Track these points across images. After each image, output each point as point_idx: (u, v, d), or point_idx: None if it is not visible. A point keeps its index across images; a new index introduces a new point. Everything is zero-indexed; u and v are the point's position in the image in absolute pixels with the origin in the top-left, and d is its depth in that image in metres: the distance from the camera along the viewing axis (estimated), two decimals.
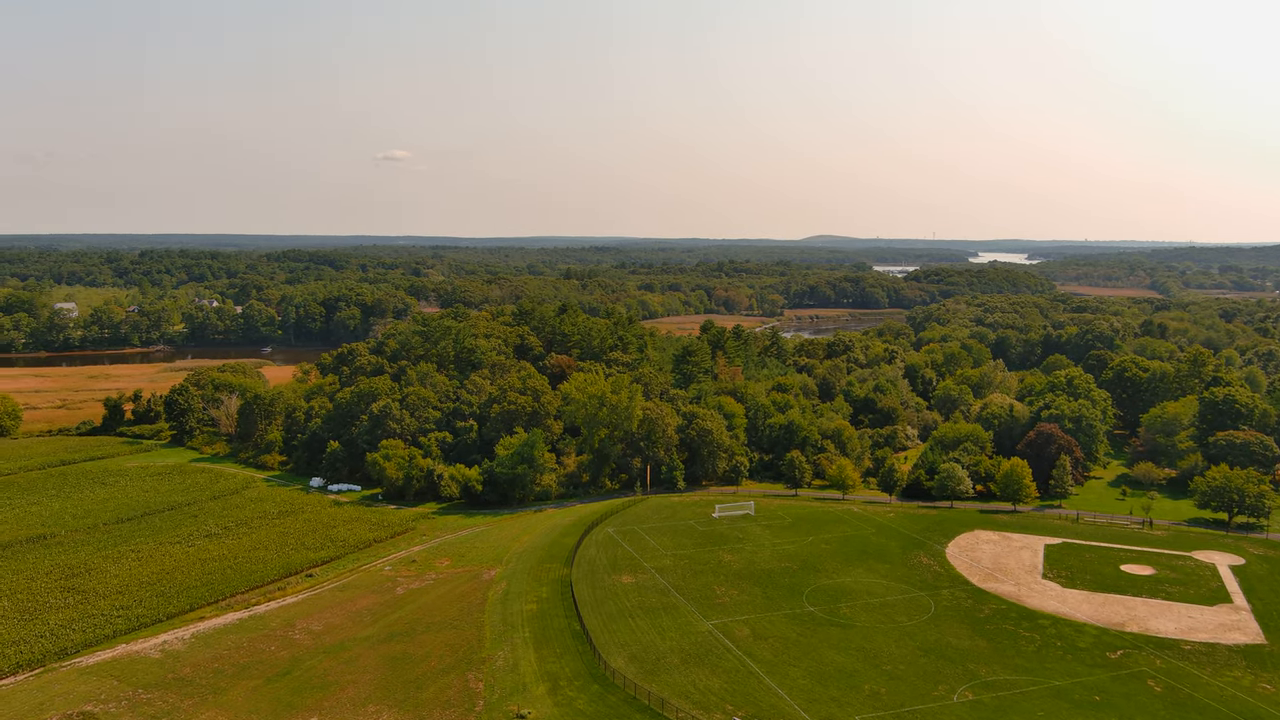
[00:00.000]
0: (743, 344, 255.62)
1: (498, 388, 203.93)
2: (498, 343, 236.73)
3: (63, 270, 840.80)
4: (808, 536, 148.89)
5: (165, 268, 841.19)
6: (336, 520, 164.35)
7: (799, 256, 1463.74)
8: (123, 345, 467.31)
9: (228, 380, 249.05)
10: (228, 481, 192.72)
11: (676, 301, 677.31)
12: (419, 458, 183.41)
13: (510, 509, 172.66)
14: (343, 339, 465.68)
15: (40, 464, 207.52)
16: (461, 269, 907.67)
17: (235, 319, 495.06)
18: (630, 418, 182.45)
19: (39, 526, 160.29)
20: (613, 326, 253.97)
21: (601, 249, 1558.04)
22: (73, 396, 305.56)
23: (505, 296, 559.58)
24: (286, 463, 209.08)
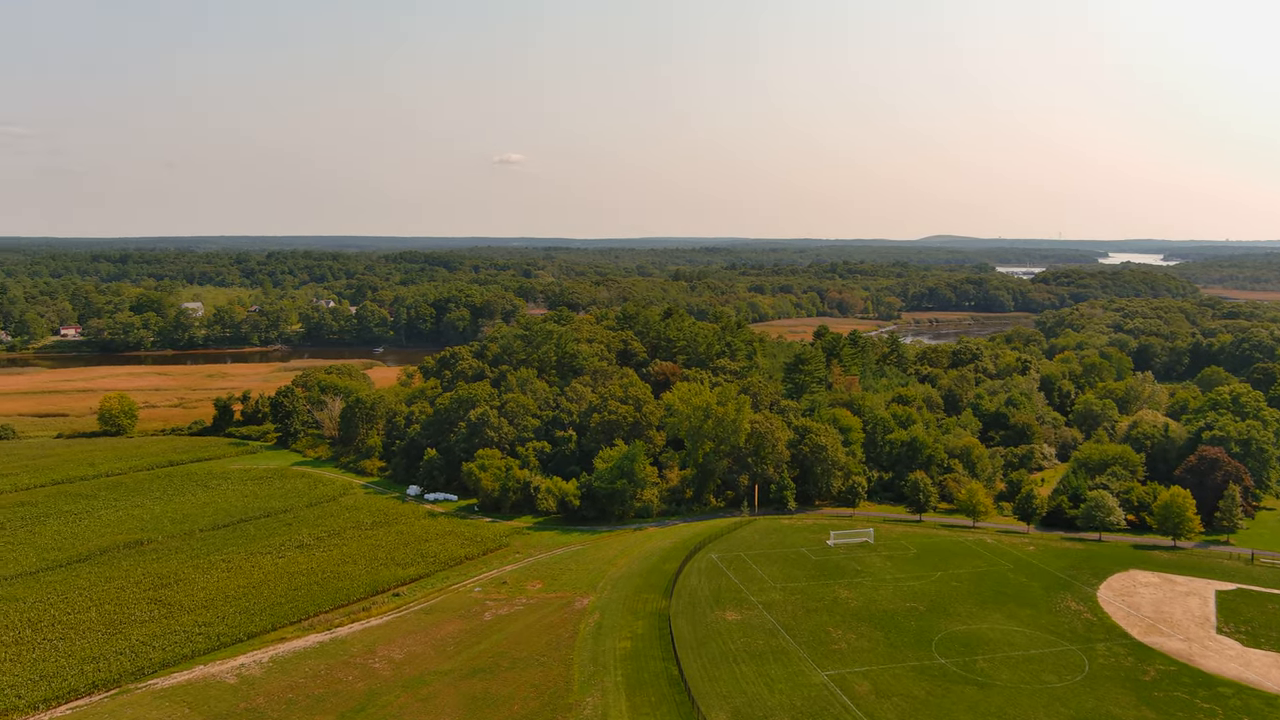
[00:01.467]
0: (860, 351, 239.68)
1: (599, 396, 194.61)
2: (600, 348, 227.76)
3: (195, 271, 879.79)
4: (935, 571, 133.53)
5: (289, 268, 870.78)
6: (429, 533, 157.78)
7: (916, 257, 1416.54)
8: (243, 344, 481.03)
9: (332, 382, 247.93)
10: (325, 488, 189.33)
11: (787, 304, 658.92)
12: (516, 469, 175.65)
13: (608, 526, 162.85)
14: (452, 340, 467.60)
15: (149, 464, 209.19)
16: (571, 270, 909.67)
17: (349, 319, 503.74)
18: (737, 431, 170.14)
19: (138, 531, 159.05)
20: (720, 332, 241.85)
21: (712, 249, 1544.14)
22: (190, 395, 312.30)
23: (613, 298, 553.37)
24: (385, 469, 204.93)
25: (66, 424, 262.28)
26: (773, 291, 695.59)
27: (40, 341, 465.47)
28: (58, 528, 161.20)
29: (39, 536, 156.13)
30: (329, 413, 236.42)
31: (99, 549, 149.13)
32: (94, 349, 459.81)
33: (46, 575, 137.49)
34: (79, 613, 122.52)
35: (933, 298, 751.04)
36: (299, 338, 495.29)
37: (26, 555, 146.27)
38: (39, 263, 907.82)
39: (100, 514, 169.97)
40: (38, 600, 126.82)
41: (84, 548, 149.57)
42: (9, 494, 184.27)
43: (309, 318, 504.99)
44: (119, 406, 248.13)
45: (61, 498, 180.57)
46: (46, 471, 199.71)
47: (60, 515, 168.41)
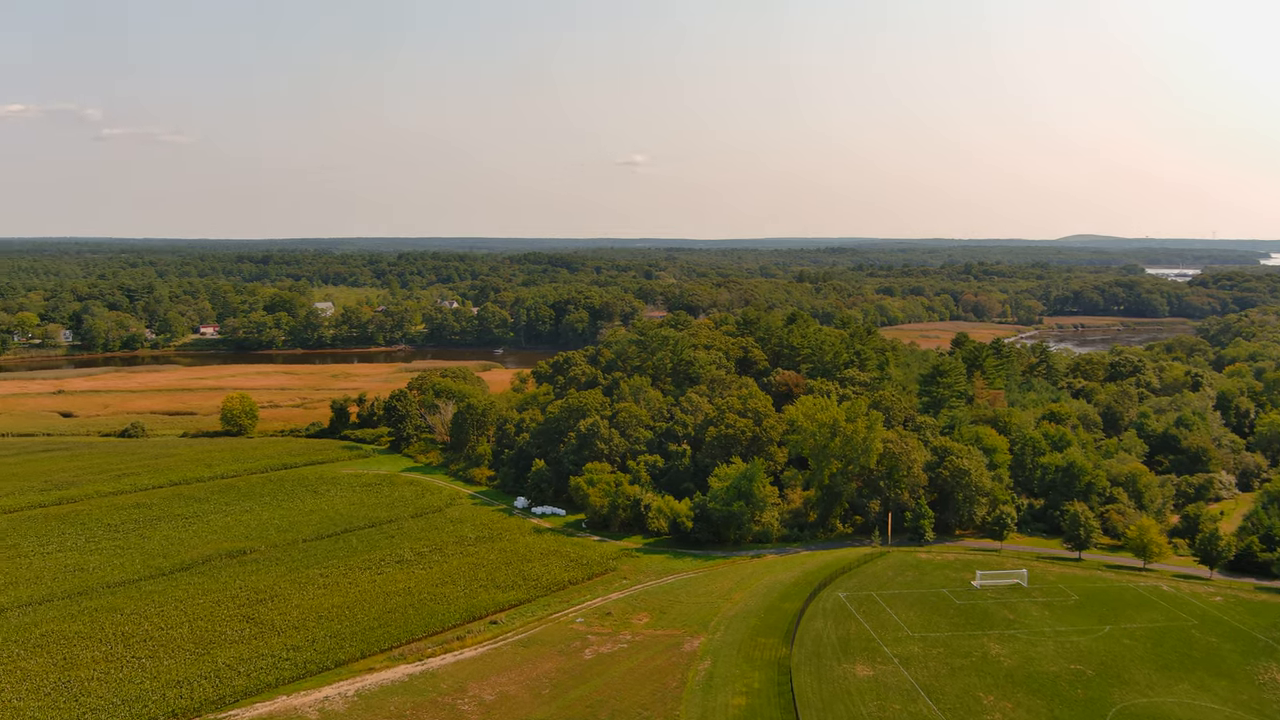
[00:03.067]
0: (1005, 361, 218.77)
1: (715, 407, 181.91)
2: (718, 355, 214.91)
3: (330, 271, 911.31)
4: (1103, 625, 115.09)
5: (418, 269, 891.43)
6: (533, 552, 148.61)
7: (1056, 258, 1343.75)
8: (369, 344, 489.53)
9: (446, 386, 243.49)
10: (432, 497, 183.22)
11: (919, 307, 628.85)
12: (625, 484, 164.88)
13: (723, 551, 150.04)
14: (571, 342, 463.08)
15: (264, 467, 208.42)
16: (692, 271, 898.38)
17: (471, 320, 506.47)
18: (868, 451, 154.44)
19: (242, 539, 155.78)
20: (848, 339, 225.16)
21: (837, 250, 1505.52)
22: (312, 395, 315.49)
23: (734, 300, 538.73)
24: (494, 478, 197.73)
25: (192, 423, 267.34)
26: (903, 294, 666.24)
27: (181, 339, 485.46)
28: (167, 532, 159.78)
29: (149, 541, 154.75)
30: (441, 417, 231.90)
31: (202, 557, 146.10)
32: (229, 347, 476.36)
33: (148, 584, 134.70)
34: (172, 628, 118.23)
35: (1077, 301, 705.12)
36: (422, 338, 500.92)
37: (133, 561, 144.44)
38: (189, 263, 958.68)
39: (210, 519, 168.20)
40: (135, 612, 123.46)
41: (188, 555, 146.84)
42: (129, 494, 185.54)
43: (432, 318, 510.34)
44: (240, 407, 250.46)
45: (176, 500, 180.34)
46: (166, 472, 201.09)
47: (172, 519, 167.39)
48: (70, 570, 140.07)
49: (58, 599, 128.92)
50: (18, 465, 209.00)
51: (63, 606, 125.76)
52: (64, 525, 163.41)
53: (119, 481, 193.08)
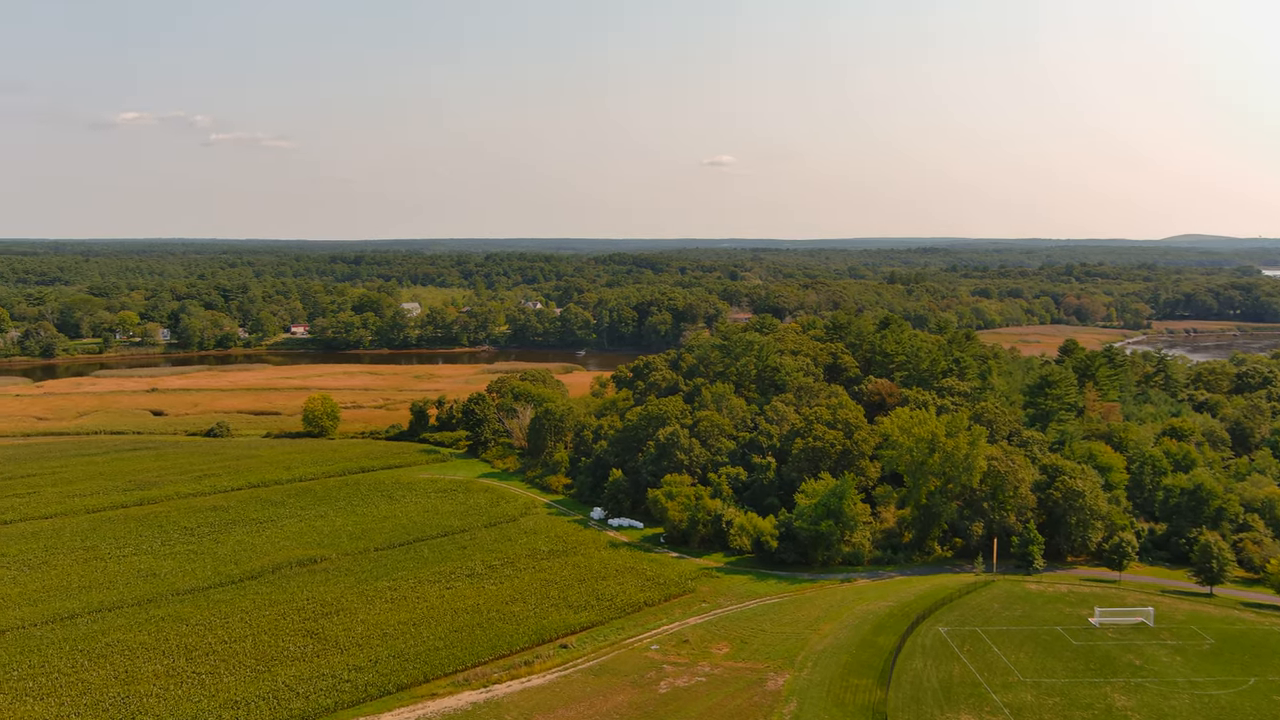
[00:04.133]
0: (1119, 370, 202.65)
1: (803, 418, 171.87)
2: (805, 361, 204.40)
3: (419, 272, 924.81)
4: (1246, 675, 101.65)
5: (504, 270, 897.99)
6: (608, 569, 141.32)
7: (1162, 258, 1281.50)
8: (453, 344, 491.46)
9: (525, 390, 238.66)
10: (507, 506, 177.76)
11: (1017, 310, 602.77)
12: (706, 498, 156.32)
13: (810, 573, 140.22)
14: (653, 344, 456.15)
15: (341, 470, 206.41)
16: (779, 272, 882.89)
17: (554, 321, 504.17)
18: (970, 469, 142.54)
19: (314, 546, 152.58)
20: (945, 345, 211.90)
21: (929, 250, 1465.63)
22: (395, 396, 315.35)
23: (821, 302, 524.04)
24: (571, 486, 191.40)
25: (276, 423, 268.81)
26: (1000, 296, 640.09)
27: (272, 338, 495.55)
28: (241, 537, 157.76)
29: (222, 546, 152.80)
30: (519, 422, 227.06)
31: (272, 565, 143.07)
32: (318, 347, 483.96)
33: (216, 593, 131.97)
34: (235, 641, 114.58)
35: (1189, 305, 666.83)
36: (505, 339, 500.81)
37: (204, 567, 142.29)
38: (284, 263, 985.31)
39: (284, 524, 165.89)
40: (200, 622, 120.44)
41: (258, 563, 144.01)
42: (207, 496, 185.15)
43: (515, 319, 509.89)
44: (321, 408, 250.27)
45: (253, 503, 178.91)
46: (245, 474, 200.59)
47: (246, 524, 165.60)
48: (143, 576, 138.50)
49: (127, 606, 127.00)
50: (106, 464, 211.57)
51: (131, 614, 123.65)
52: (142, 527, 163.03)
53: (199, 483, 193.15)
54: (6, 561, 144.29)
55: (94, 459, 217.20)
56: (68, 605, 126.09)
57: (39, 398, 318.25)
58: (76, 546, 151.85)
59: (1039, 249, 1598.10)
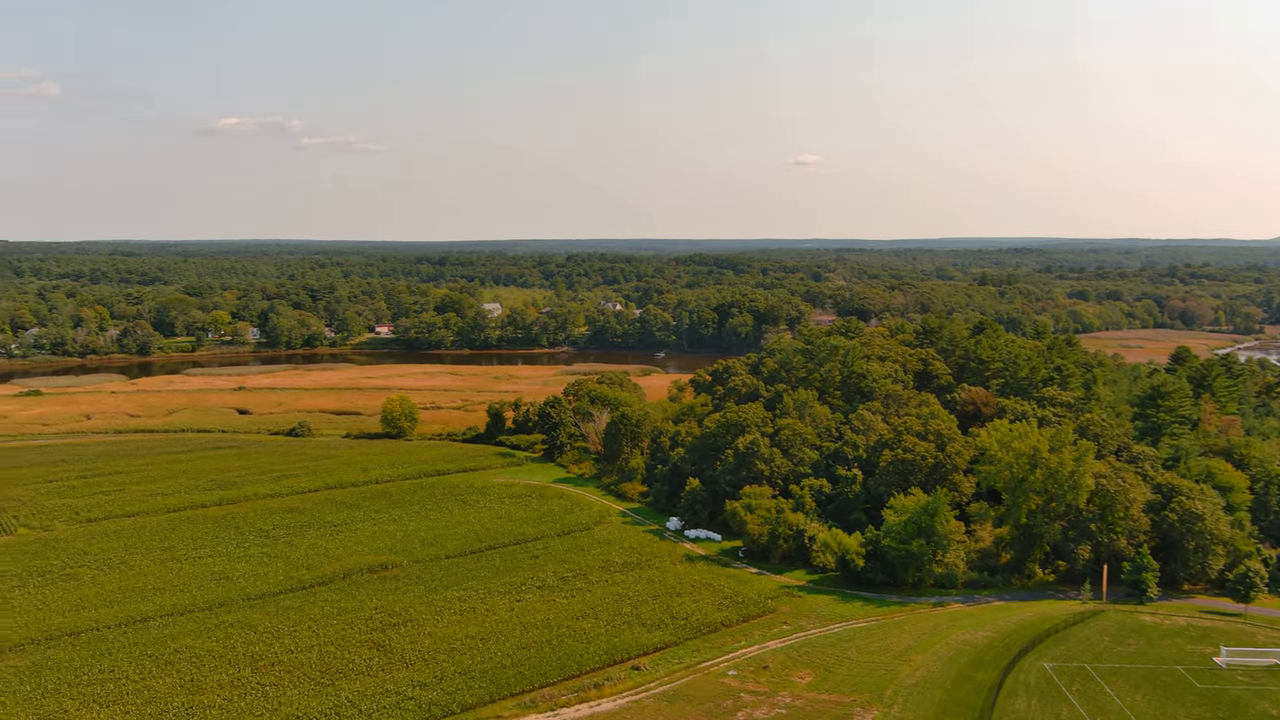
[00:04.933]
0: (1237, 381, 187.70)
1: (891, 428, 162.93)
2: (894, 368, 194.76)
3: (501, 273, 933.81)
4: None
5: (584, 271, 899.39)
6: (684, 584, 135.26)
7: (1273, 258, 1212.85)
8: (533, 345, 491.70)
9: (601, 393, 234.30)
10: (581, 514, 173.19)
11: (1117, 313, 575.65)
12: (788, 512, 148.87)
13: (899, 595, 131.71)
14: (733, 347, 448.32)
15: (417, 472, 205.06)
16: (863, 273, 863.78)
17: (633, 323, 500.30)
18: (1076, 487, 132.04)
19: (386, 552, 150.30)
20: (1044, 351, 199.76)
21: (1021, 250, 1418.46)
22: (473, 397, 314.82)
23: (909, 304, 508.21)
24: (646, 494, 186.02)
25: (356, 423, 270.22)
26: (1098, 298, 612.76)
27: (357, 338, 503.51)
28: (314, 541, 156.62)
29: (295, 550, 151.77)
30: (595, 426, 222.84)
31: (343, 571, 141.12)
32: (401, 347, 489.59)
33: (287, 599, 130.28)
34: (301, 651, 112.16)
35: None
36: (584, 340, 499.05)
37: (277, 571, 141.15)
38: (372, 264, 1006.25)
39: (357, 528, 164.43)
40: (268, 630, 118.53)
41: (330, 568, 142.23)
42: (285, 497, 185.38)
43: (595, 320, 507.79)
44: (400, 409, 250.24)
45: (328, 506, 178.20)
46: (323, 474, 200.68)
47: (321, 527, 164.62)
48: (216, 579, 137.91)
49: (199, 610, 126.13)
50: (190, 462, 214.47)
51: (201, 619, 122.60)
52: (219, 528, 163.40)
53: (278, 483, 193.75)
54: (88, 560, 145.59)
55: (179, 457, 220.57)
56: (141, 608, 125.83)
57: (133, 395, 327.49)
58: (155, 547, 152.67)
59: (1138, 249, 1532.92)
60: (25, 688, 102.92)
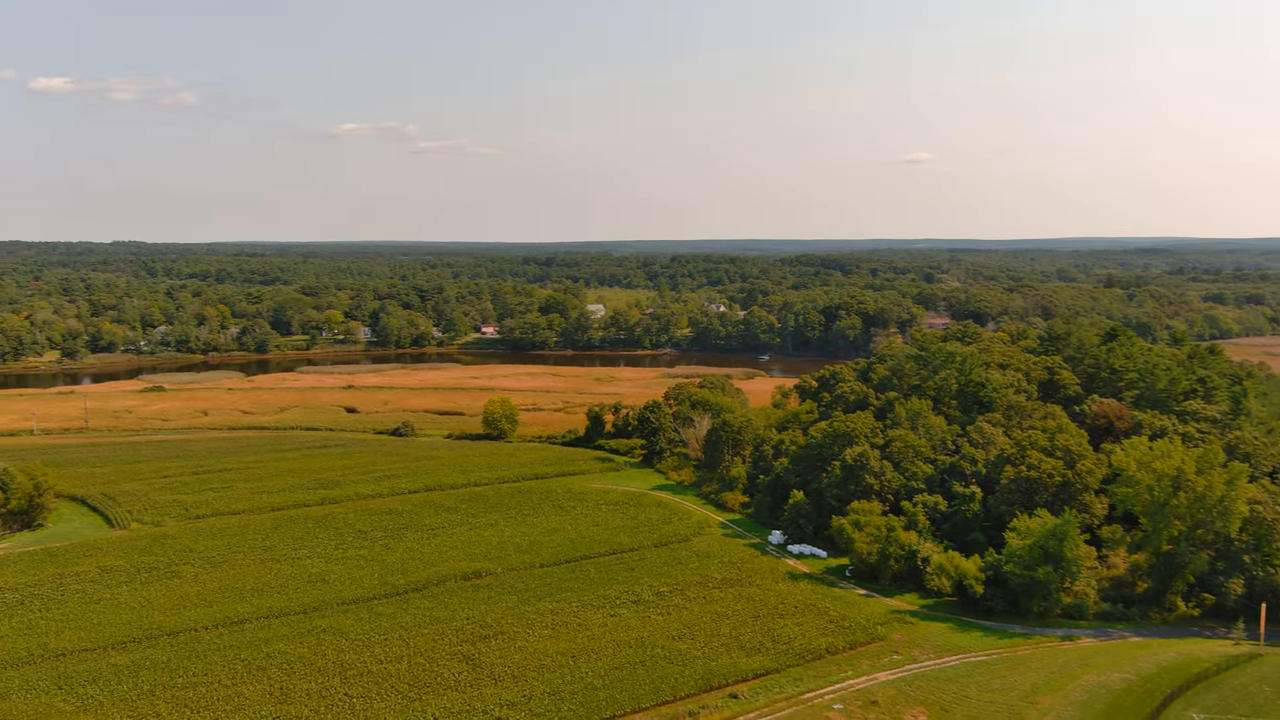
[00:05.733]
0: None
1: (1014, 442, 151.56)
2: (1016, 377, 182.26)
3: (605, 273, 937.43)
4: None
5: (688, 272, 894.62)
6: (786, 604, 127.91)
7: None
8: (635, 347, 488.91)
9: (703, 398, 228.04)
10: (679, 524, 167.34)
11: (1260, 318, 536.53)
12: (899, 530, 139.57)
13: (1023, 626, 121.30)
14: (841, 351, 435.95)
15: (515, 475, 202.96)
16: (978, 274, 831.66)
17: (737, 325, 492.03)
18: (1227, 514, 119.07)
19: (480, 558, 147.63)
20: (1185, 361, 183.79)
21: (1149, 250, 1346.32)
22: (574, 399, 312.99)
23: (1028, 308, 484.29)
24: (748, 505, 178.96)
25: (458, 423, 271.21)
26: (1236, 302, 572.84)
27: (463, 338, 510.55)
28: (411, 544, 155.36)
29: (391, 554, 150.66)
30: (695, 432, 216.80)
31: (437, 577, 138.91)
32: (506, 346, 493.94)
33: (380, 605, 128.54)
34: (391, 662, 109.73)
35: None
36: (687, 342, 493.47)
37: (372, 576, 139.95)
38: (480, 264, 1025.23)
39: (453, 532, 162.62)
40: (360, 638, 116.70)
41: (424, 574, 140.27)
42: (385, 498, 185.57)
43: (698, 322, 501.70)
44: (500, 411, 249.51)
45: (427, 508, 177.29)
46: (423, 476, 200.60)
47: (418, 530, 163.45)
48: (312, 581, 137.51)
49: (293, 614, 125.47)
50: (296, 460, 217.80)
51: (295, 623, 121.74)
52: (319, 529, 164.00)
53: (379, 484, 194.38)
54: (192, 558, 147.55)
55: (286, 455, 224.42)
56: (238, 609, 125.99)
57: (248, 392, 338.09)
58: (256, 546, 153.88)
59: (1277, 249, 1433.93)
60: (123, 687, 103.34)
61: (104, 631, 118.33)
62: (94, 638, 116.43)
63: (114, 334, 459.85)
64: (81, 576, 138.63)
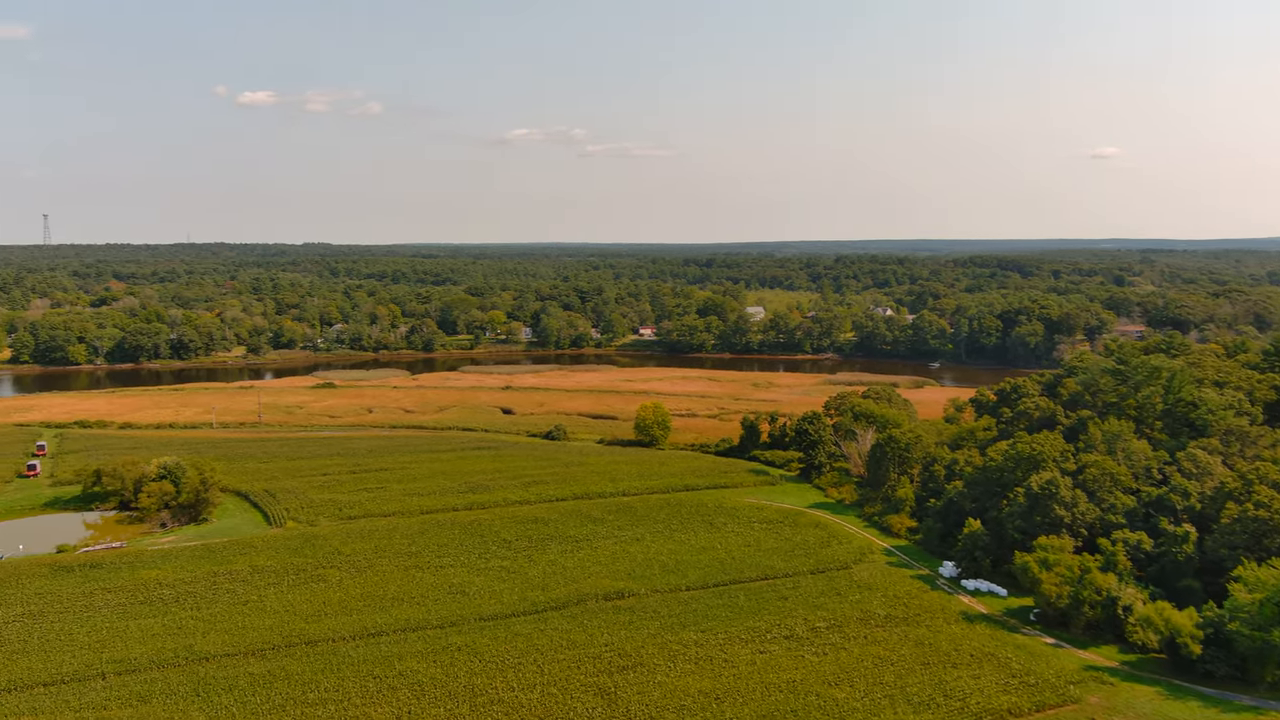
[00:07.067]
0: None
1: (1236, 474, 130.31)
2: (1236, 396, 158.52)
3: (767, 275, 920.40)
4: None
5: (853, 273, 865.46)
6: (961, 650, 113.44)
7: None
8: (795, 351, 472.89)
9: (867, 409, 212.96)
10: (838, 548, 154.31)
11: None
12: (1095, 571, 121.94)
13: (1252, 696, 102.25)
14: (1020, 360, 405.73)
15: (665, 486, 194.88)
16: (1175, 277, 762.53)
17: (904, 329, 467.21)
18: None
19: (624, 577, 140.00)
20: None
21: None
22: (729, 406, 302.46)
23: (1239, 315, 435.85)
24: (915, 530, 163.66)
25: (611, 428, 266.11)
26: None
27: (621, 339, 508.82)
28: (554, 557, 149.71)
29: (534, 566, 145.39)
30: (859, 447, 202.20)
31: (578, 596, 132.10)
32: (662, 349, 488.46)
33: (517, 623, 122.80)
34: (523, 690, 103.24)
35: None
36: (850, 347, 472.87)
37: (512, 590, 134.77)
38: (641, 265, 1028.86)
39: (598, 545, 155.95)
40: (493, 659, 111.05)
41: (565, 591, 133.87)
42: (532, 505, 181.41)
43: (862, 326, 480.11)
44: (652, 417, 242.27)
45: (573, 518, 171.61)
46: (571, 483, 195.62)
47: (562, 541, 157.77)
48: (453, 593, 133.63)
49: (431, 627, 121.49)
50: (450, 462, 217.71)
51: (432, 639, 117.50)
52: (465, 535, 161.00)
53: (527, 490, 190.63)
54: (339, 561, 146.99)
55: (441, 456, 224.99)
56: (377, 620, 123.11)
57: (412, 390, 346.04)
58: (402, 551, 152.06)
59: None
60: (256, 699, 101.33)
61: (246, 636, 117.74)
62: (236, 642, 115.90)
63: (294, 331, 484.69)
64: (234, 576, 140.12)
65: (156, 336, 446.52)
